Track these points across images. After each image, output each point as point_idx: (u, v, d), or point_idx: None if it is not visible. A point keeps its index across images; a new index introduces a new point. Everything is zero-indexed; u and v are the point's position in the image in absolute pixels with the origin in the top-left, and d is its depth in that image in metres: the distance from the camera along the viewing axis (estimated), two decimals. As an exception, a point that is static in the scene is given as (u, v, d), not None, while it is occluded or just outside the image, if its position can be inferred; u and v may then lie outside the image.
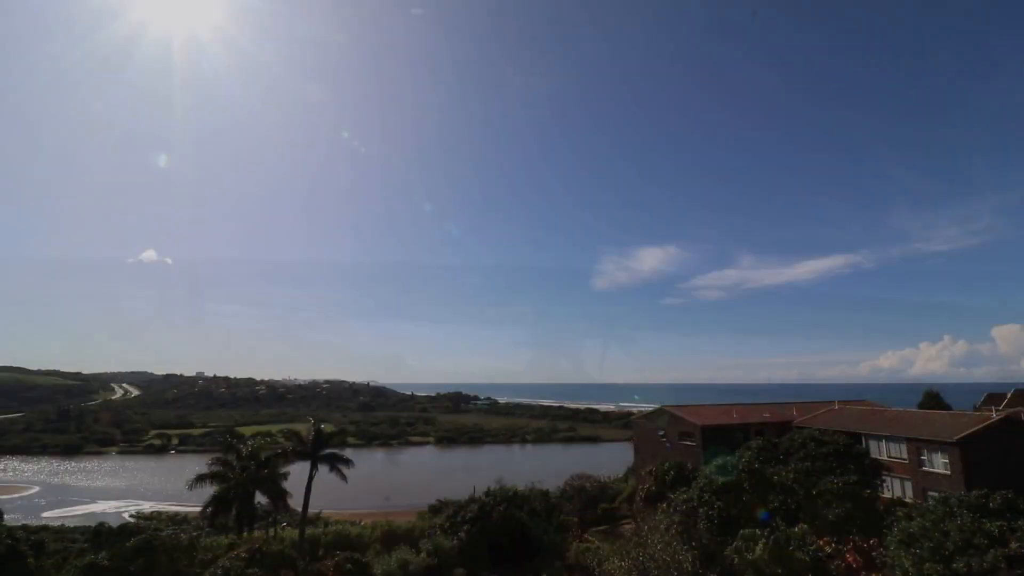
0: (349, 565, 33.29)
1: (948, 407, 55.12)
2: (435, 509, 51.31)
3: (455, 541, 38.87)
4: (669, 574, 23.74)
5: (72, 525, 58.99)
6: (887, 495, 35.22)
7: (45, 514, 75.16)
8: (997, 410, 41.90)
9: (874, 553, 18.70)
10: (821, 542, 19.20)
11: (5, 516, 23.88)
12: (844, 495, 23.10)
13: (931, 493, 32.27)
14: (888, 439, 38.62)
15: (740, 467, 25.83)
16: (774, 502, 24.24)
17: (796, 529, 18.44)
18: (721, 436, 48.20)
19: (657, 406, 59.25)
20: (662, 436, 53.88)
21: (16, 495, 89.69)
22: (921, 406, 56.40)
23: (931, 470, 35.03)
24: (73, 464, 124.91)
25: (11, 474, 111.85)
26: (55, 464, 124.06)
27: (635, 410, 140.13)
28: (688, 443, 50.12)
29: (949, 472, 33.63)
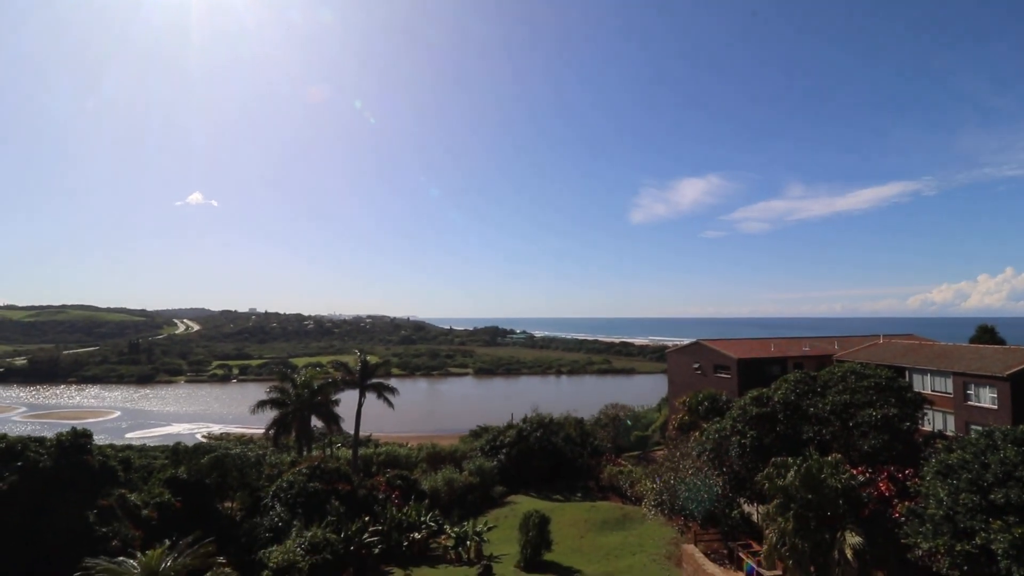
0: (399, 481, 36.29)
1: (1003, 343, 52.79)
2: (476, 434, 54.37)
3: (495, 462, 41.52)
4: (699, 496, 24.85)
5: (152, 444, 66.01)
6: (927, 428, 34.93)
7: (128, 435, 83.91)
8: (1058, 345, 39.88)
9: (908, 483, 18.86)
10: (855, 471, 19.46)
11: (94, 437, 26.85)
12: (881, 427, 23.02)
13: (974, 427, 31.80)
14: (933, 373, 37.70)
15: (776, 399, 25.92)
16: (808, 432, 24.45)
17: (829, 458, 18.69)
18: (758, 369, 48.13)
19: (693, 340, 59.21)
20: (697, 369, 54.24)
21: (102, 419, 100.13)
22: (973, 341, 54.20)
23: (977, 404, 34.25)
24: (147, 391, 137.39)
25: (95, 401, 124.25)
26: (131, 392, 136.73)
27: (670, 344, 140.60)
28: (723, 375, 50.38)
29: (996, 407, 32.83)
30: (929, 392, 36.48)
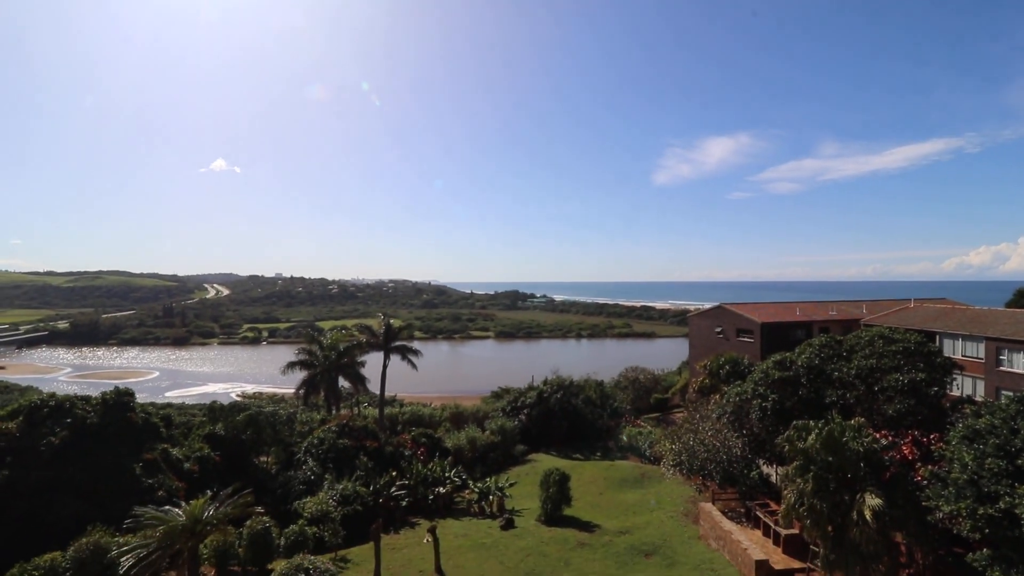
0: (424, 439, 37.59)
1: (1043, 306, 50.76)
2: (497, 395, 55.56)
3: (516, 423, 42.55)
4: (718, 457, 25.14)
5: (190, 403, 69.38)
6: (955, 393, 34.32)
7: (167, 394, 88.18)
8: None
9: (933, 447, 18.69)
10: (877, 435, 19.34)
11: (136, 396, 28.37)
12: (908, 391, 22.68)
13: (1005, 392, 31.09)
14: (965, 338, 36.72)
15: (799, 363, 25.67)
16: (831, 396, 24.26)
17: (852, 422, 18.59)
18: (782, 333, 47.57)
19: (716, 304, 58.57)
20: (719, 333, 53.87)
21: (142, 379, 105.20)
22: (1010, 305, 52.28)
23: (1009, 370, 33.39)
24: (183, 353, 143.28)
25: (135, 362, 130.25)
26: (168, 353, 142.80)
27: (692, 308, 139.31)
28: (746, 340, 49.97)
29: (1031, 372, 31.97)
30: (960, 357, 35.64)
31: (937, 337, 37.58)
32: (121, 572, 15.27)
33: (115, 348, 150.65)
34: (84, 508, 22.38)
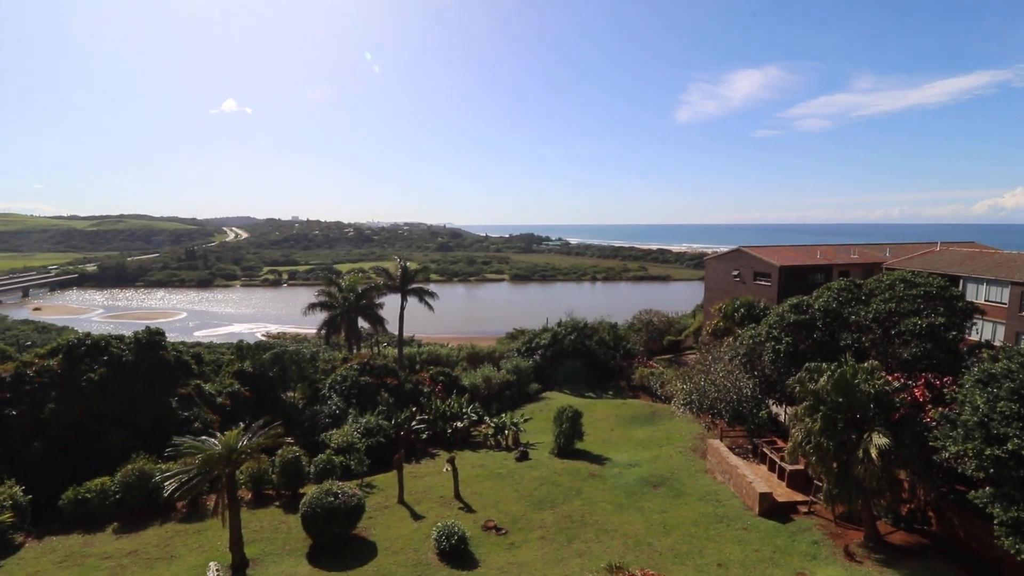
0: (441, 377, 38.91)
1: (1079, 249, 48.95)
2: (512, 336, 56.63)
3: (531, 362, 43.63)
4: (728, 397, 25.66)
5: (218, 342, 72.18)
6: (974, 338, 34.01)
7: (195, 333, 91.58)
8: None
9: (945, 390, 18.79)
10: (890, 377, 19.46)
11: (166, 335, 29.58)
12: (925, 336, 22.54)
13: (1027, 336, 30.76)
14: (990, 282, 35.89)
15: (816, 307, 25.49)
16: (847, 339, 24.25)
17: (865, 364, 18.68)
18: (800, 277, 46.98)
19: (734, 247, 57.63)
20: (736, 276, 53.38)
21: (170, 319, 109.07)
22: (1044, 248, 50.50)
23: (1034, 314, 32.84)
24: (207, 295, 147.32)
25: (161, 303, 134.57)
26: (193, 295, 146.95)
27: (709, 251, 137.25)
28: (763, 283, 49.52)
29: (1055, 317, 31.42)
30: (982, 302, 35.01)
31: (961, 281, 36.79)
32: (165, 495, 16.60)
33: (142, 290, 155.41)
34: (127, 438, 24.03)
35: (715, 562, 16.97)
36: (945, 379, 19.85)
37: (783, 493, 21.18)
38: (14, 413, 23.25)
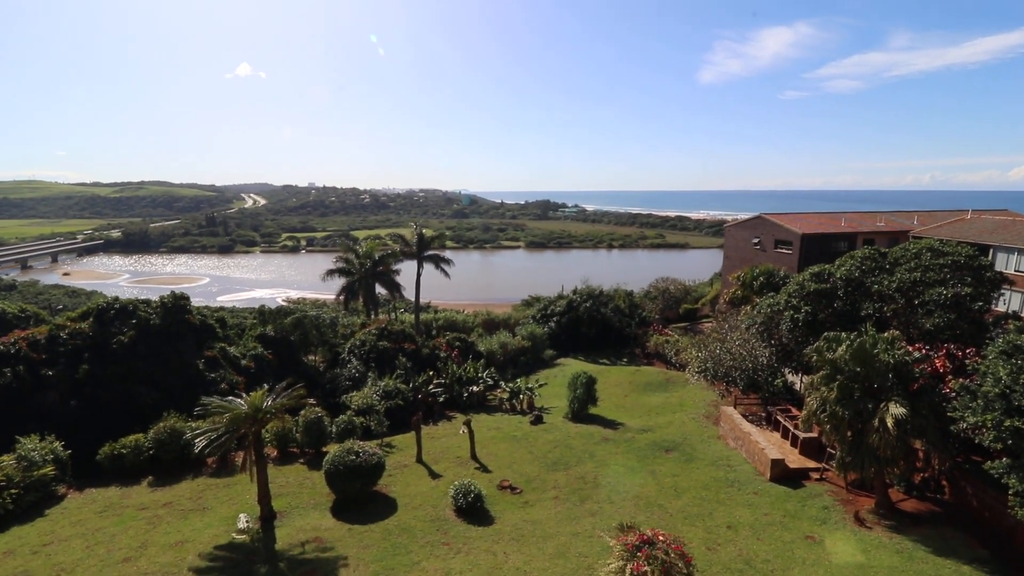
0: (458, 342, 39.49)
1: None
2: (528, 303, 56.92)
3: (546, 329, 43.95)
4: (743, 365, 25.63)
5: (241, 307, 73.88)
6: (1001, 309, 33.20)
7: (218, 298, 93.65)
8: None
9: (967, 361, 18.49)
10: (911, 348, 19.19)
11: (191, 299, 30.42)
12: (949, 306, 22.05)
13: (1058, 307, 29.88)
14: (1021, 252, 34.72)
15: (838, 275, 25.01)
16: (868, 309, 23.85)
17: (886, 334, 18.41)
18: (823, 245, 45.98)
19: (755, 214, 56.39)
20: (756, 244, 52.43)
21: (194, 284, 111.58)
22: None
23: (1067, 285, 31.81)
24: (228, 260, 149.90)
25: (184, 268, 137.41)
26: (215, 260, 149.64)
27: (729, 218, 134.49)
28: (784, 251, 48.62)
29: (1090, 287, 30.40)
30: (1013, 272, 34.00)
31: (991, 251, 35.64)
32: (196, 451, 17.42)
33: (165, 256, 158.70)
34: (158, 398, 25.06)
35: (725, 524, 17.36)
36: (968, 350, 19.51)
37: (795, 460, 21.35)
38: (50, 373, 24.36)
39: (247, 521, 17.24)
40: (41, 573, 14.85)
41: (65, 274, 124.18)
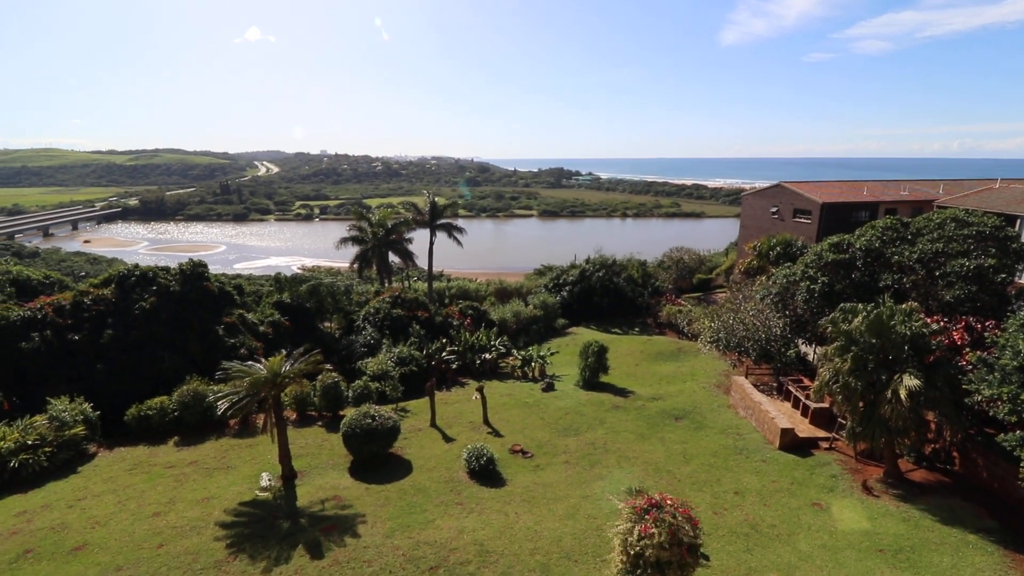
0: (470, 311, 39.81)
1: None
2: (540, 272, 56.87)
3: (558, 298, 44.03)
4: (756, 336, 25.52)
5: (257, 274, 74.95)
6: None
7: (235, 266, 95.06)
8: None
9: (987, 334, 18.18)
10: (929, 319, 18.90)
11: (209, 267, 30.94)
12: (971, 277, 21.56)
13: (1086, 280, 29.01)
14: (1054, 221, 33.55)
15: (857, 246, 24.50)
16: (887, 280, 23.44)
17: (904, 306, 18.12)
18: (843, 214, 44.89)
19: (774, 182, 55.03)
20: (774, 213, 51.39)
21: (211, 252, 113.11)
22: (1121, 184, 46.37)
23: (1098, 256, 30.80)
24: (243, 228, 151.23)
25: (200, 236, 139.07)
26: (230, 228, 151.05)
27: (747, 187, 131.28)
28: (803, 221, 47.62)
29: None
30: (1041, 242, 32.95)
31: (1018, 221, 34.51)
32: (219, 414, 18.03)
33: (182, 223, 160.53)
34: (180, 362, 25.81)
35: (732, 490, 17.67)
36: (988, 323, 19.19)
37: (805, 430, 21.47)
38: (76, 338, 25.16)
39: (269, 479, 17.97)
40: (77, 525, 15.71)
41: (86, 241, 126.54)
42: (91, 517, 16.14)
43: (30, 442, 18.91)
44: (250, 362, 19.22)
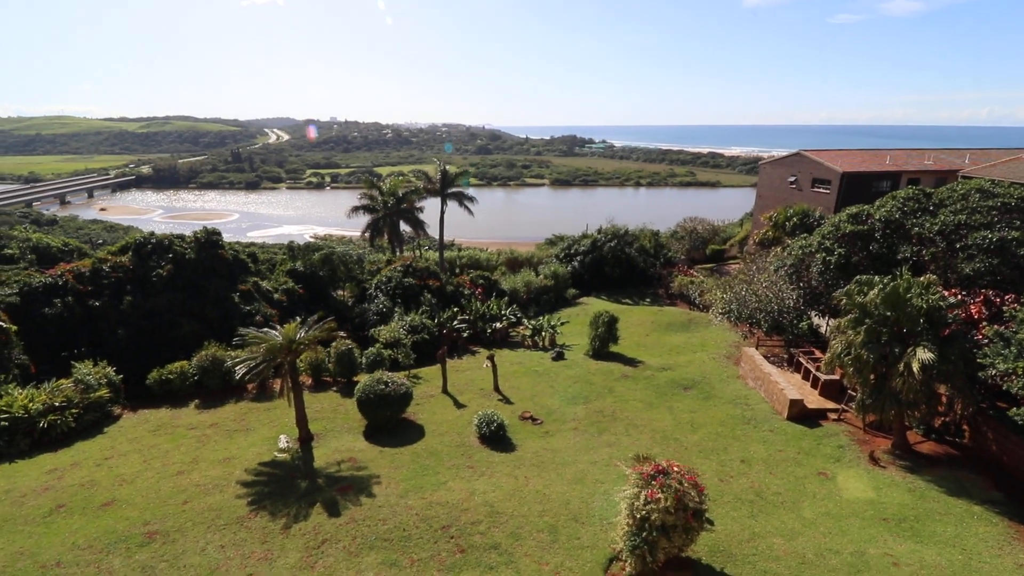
0: (481, 280, 39.94)
1: None
2: (551, 242, 56.63)
3: (569, 268, 43.95)
4: (768, 308, 25.37)
5: (270, 243, 75.52)
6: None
7: (249, 234, 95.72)
8: None
9: (1005, 308, 17.86)
10: (947, 292, 18.58)
11: (223, 235, 31.23)
12: (993, 250, 21.02)
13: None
14: (1086, 192, 32.36)
15: (877, 217, 23.93)
16: (905, 252, 22.97)
17: (922, 278, 17.80)
18: (864, 184, 43.71)
19: (793, 151, 53.54)
20: (792, 183, 50.20)
21: (224, 220, 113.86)
22: None
23: None
24: (255, 197, 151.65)
25: (213, 204, 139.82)
26: (242, 197, 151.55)
27: (765, 155, 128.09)
28: (822, 191, 46.50)
29: None
30: (1070, 213, 31.88)
31: (1049, 191, 33.35)
32: (237, 378, 18.52)
33: (195, 191, 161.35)
34: (198, 328, 26.41)
35: (739, 458, 17.92)
36: (1007, 296, 18.83)
37: (814, 401, 21.54)
38: (97, 304, 25.77)
39: (287, 441, 18.57)
40: (105, 482, 16.46)
41: (102, 209, 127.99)
42: (118, 475, 16.88)
43: (57, 404, 19.65)
44: (266, 329, 19.61)
